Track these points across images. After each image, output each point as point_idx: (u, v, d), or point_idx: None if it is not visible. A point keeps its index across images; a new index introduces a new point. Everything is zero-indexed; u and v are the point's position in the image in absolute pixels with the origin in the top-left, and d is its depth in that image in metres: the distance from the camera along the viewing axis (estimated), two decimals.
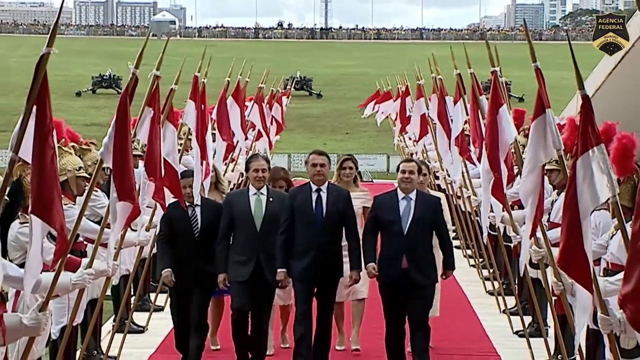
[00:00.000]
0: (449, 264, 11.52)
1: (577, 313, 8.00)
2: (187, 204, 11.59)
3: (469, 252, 20.13)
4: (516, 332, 14.12)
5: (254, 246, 11.49)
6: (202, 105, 14.88)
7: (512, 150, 11.46)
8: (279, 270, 11.40)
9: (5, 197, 6.91)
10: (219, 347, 12.80)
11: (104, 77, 68.67)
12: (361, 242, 11.53)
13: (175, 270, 11.56)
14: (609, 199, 7.62)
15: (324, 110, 67.22)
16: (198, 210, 11.67)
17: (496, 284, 16.05)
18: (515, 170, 11.97)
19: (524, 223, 10.55)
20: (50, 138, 6.87)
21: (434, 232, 11.51)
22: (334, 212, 11.44)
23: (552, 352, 11.94)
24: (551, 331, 12.29)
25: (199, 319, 11.72)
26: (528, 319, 13.83)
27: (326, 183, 11.57)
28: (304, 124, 61.40)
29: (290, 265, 11.43)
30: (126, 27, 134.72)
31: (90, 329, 11.25)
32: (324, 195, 11.47)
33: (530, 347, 12.90)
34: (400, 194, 11.36)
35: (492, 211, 12.28)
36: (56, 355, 10.19)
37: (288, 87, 43.66)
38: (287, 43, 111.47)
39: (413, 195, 11.33)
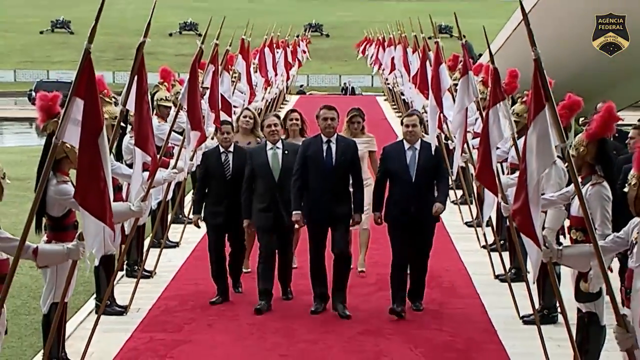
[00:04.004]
0: (442, 200, 8.77)
1: (485, 209, 8.20)
2: (221, 149, 9.37)
3: None
4: (452, 202, 14.22)
5: (273, 195, 9.04)
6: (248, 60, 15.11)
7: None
8: (294, 212, 8.82)
9: (122, 124, 7.02)
10: (249, 269, 10.08)
11: (187, 23, 68.74)
12: (372, 189, 9.14)
13: (210, 208, 9.39)
14: (510, 134, 7.77)
15: (330, 45, 66.75)
16: (230, 156, 9.37)
17: None
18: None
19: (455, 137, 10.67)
20: (145, 97, 6.96)
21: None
22: (342, 161, 8.91)
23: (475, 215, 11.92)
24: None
25: (237, 247, 9.54)
26: (460, 192, 13.96)
27: (335, 135, 8.98)
28: (317, 54, 60.86)
29: (305, 210, 8.86)
30: None
31: (178, 201, 11.61)
32: (333, 147, 8.93)
33: (460, 212, 13.06)
34: (406, 145, 8.88)
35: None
36: (155, 220, 10.48)
37: (307, 32, 44.17)
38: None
39: (418, 145, 8.85)
